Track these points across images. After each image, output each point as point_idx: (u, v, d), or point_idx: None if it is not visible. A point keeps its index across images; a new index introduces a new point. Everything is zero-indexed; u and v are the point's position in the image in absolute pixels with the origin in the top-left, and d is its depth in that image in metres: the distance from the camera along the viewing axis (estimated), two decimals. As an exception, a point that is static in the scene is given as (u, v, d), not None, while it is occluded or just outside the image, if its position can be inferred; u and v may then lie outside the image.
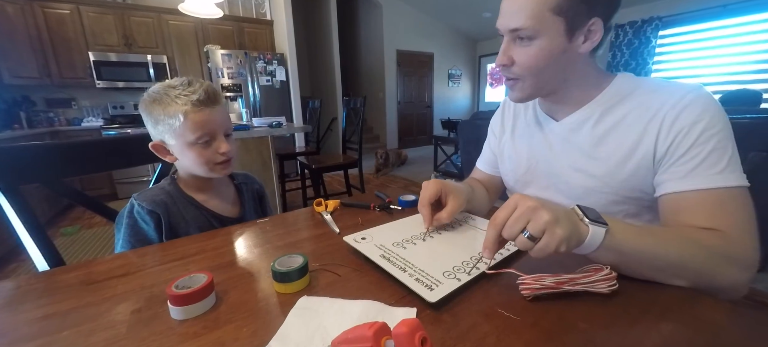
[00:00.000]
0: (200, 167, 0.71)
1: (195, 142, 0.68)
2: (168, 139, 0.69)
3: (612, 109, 0.58)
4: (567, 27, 0.52)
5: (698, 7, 4.03)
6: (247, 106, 3.76)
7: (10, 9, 2.92)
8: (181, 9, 2.60)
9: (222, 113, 0.72)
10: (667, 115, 0.51)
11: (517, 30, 0.54)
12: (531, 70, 0.57)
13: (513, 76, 0.60)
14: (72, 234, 2.52)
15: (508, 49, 0.57)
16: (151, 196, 0.70)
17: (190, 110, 0.66)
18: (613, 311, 0.39)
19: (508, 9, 0.55)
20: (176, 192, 0.73)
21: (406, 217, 0.69)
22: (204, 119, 0.68)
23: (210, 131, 0.69)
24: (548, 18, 0.52)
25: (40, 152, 0.73)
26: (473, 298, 0.42)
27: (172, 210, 0.71)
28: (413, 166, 4.91)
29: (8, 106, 3.08)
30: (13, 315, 0.42)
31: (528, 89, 0.60)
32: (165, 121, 0.67)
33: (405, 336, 0.27)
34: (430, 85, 6.75)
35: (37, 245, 0.67)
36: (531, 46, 0.54)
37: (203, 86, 0.69)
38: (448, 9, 5.80)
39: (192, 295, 0.40)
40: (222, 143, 0.71)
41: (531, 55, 0.55)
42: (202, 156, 0.69)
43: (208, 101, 0.68)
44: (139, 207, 0.68)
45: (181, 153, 0.70)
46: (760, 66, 3.72)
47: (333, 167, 2.48)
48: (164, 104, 0.67)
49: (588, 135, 0.60)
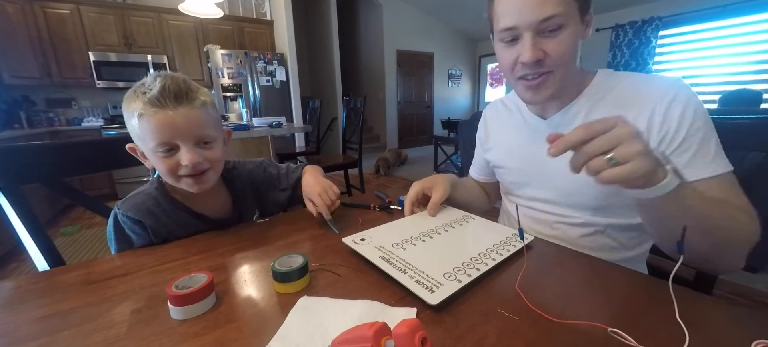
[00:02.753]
0: (167, 177, 0.61)
1: (154, 149, 0.57)
2: (136, 139, 0.60)
3: (600, 102, 0.59)
4: (581, 15, 0.52)
5: (698, 7, 4.03)
6: (247, 106, 3.77)
7: (10, 9, 2.92)
8: (181, 9, 2.60)
9: (187, 118, 0.57)
10: (656, 108, 0.53)
11: (549, 19, 0.50)
12: (564, 59, 0.53)
13: (544, 71, 0.55)
14: (72, 234, 2.52)
15: (537, 43, 0.52)
16: (135, 203, 0.63)
17: (144, 111, 0.55)
18: (613, 311, 0.39)
19: (526, 2, 0.50)
20: (162, 196, 0.66)
21: (404, 217, 0.69)
22: (160, 123, 0.55)
23: (167, 138, 0.56)
24: (571, 4, 0.50)
25: (40, 152, 0.74)
26: (473, 298, 0.42)
27: (159, 217, 0.64)
28: (413, 166, 4.91)
29: (8, 106, 3.08)
30: (13, 315, 0.42)
31: (558, 82, 0.56)
32: (128, 121, 0.58)
33: (405, 336, 0.27)
34: (430, 85, 6.75)
35: (37, 245, 0.67)
36: (562, 34, 0.51)
37: (164, 81, 0.56)
38: (448, 9, 5.80)
39: (192, 295, 0.40)
40: (184, 153, 0.58)
41: (564, 44, 0.52)
42: (164, 165, 0.59)
43: (165, 101, 0.55)
44: (123, 216, 0.62)
45: (151, 159, 0.60)
46: (760, 66, 3.72)
47: (333, 167, 2.48)
48: (128, 100, 0.57)
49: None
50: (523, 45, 0.53)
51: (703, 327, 0.36)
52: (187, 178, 0.61)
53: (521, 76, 0.57)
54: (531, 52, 0.52)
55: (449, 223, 0.64)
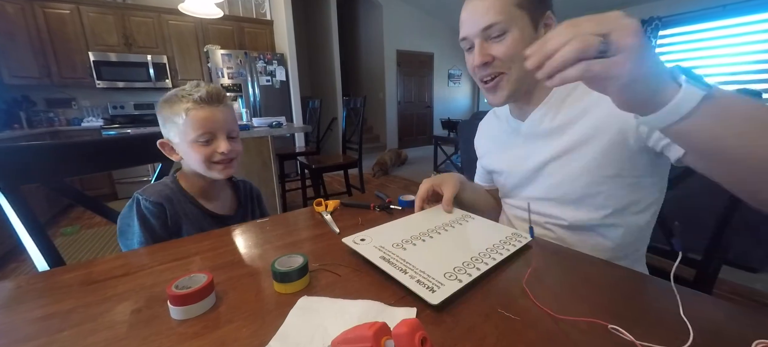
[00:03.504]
0: (200, 165, 0.73)
1: (196, 139, 0.70)
2: (173, 137, 0.73)
3: (566, 98, 0.62)
4: (530, 20, 0.58)
5: (698, 7, 4.03)
6: (247, 106, 3.76)
7: (10, 9, 2.92)
8: (181, 9, 2.60)
9: (224, 114, 0.74)
10: None
11: (489, 27, 0.57)
12: (512, 57, 0.58)
13: (496, 73, 0.61)
14: (72, 234, 2.52)
15: (484, 48, 0.59)
16: (156, 190, 0.72)
17: (192, 108, 0.69)
18: (613, 311, 0.39)
19: (472, 14, 0.59)
20: (177, 189, 0.75)
21: (405, 217, 0.69)
22: (204, 117, 0.70)
23: (210, 129, 0.71)
24: (514, 12, 0.57)
25: (40, 152, 0.73)
26: (473, 299, 0.42)
27: (176, 206, 0.73)
28: (413, 166, 4.91)
29: (8, 106, 3.08)
30: (13, 315, 0.42)
31: (513, 82, 0.61)
32: (171, 119, 0.70)
33: (405, 336, 0.27)
34: (430, 85, 6.75)
35: (37, 245, 0.67)
36: (507, 38, 0.58)
37: (207, 87, 0.72)
38: (448, 9, 5.80)
39: (192, 295, 0.40)
40: (222, 142, 0.73)
41: (509, 45, 0.58)
42: (201, 154, 0.71)
43: (209, 99, 0.71)
44: (145, 202, 0.69)
45: (184, 151, 0.73)
46: (760, 66, 3.72)
47: (333, 167, 2.48)
48: (172, 103, 0.70)
49: (549, 126, 0.64)
50: (474, 51, 0.61)
51: (703, 327, 0.36)
52: (219, 165, 0.73)
53: (481, 79, 0.64)
54: (479, 56, 0.60)
55: (449, 223, 0.64)
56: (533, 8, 0.58)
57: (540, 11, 0.58)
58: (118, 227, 0.71)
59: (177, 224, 0.72)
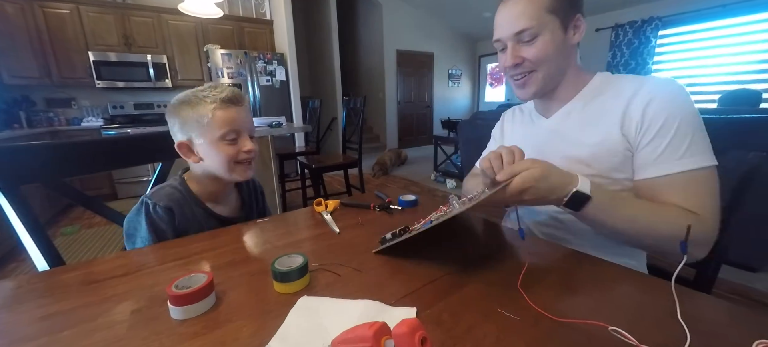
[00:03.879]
0: (224, 165, 0.72)
1: (222, 138, 0.70)
2: (195, 138, 0.72)
3: (593, 99, 0.65)
4: (561, 23, 0.61)
5: (698, 7, 4.02)
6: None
7: (10, 9, 2.91)
8: (181, 9, 2.60)
9: (247, 114, 0.75)
10: (637, 103, 0.57)
11: (522, 32, 0.61)
12: (542, 59, 0.62)
13: (526, 71, 0.65)
14: (72, 234, 2.52)
15: (515, 50, 0.64)
16: (166, 193, 0.72)
17: (218, 107, 0.70)
18: (613, 311, 0.39)
19: (506, 18, 0.63)
20: (186, 192, 0.75)
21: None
22: (231, 116, 0.71)
23: (236, 127, 0.72)
24: (545, 17, 0.60)
25: (40, 152, 0.73)
26: (473, 298, 0.42)
27: (184, 209, 0.73)
28: (413, 166, 4.90)
29: (8, 106, 3.07)
30: (13, 315, 0.42)
31: (541, 80, 0.65)
32: (193, 120, 0.70)
33: (405, 336, 0.27)
34: (430, 85, 6.75)
35: (37, 245, 0.67)
36: (537, 42, 0.61)
37: (229, 88, 0.73)
38: (448, 9, 5.80)
39: (192, 295, 0.40)
40: (247, 141, 0.74)
41: (540, 48, 0.62)
42: (227, 153, 0.71)
43: (234, 99, 0.72)
44: (155, 206, 0.69)
45: (207, 152, 0.72)
46: (760, 66, 3.72)
47: (333, 167, 2.48)
48: (193, 104, 0.70)
49: (572, 125, 0.67)
50: (507, 52, 0.65)
51: (703, 327, 0.36)
52: (241, 165, 0.74)
53: (511, 76, 0.68)
54: (511, 58, 0.64)
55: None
56: (564, 13, 0.60)
57: (571, 15, 0.61)
58: (125, 231, 0.71)
59: (184, 227, 0.72)
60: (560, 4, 0.60)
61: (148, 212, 0.69)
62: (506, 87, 6.82)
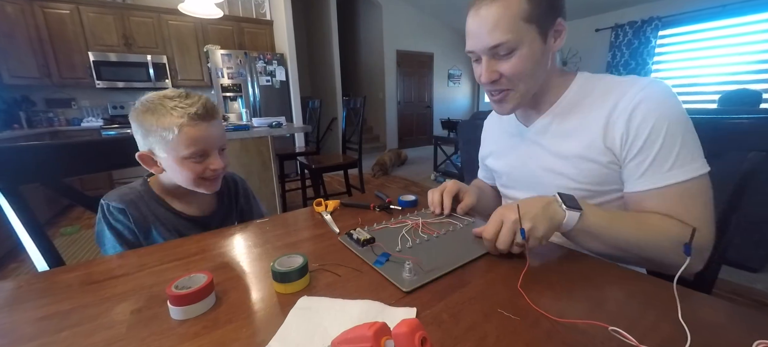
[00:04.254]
0: (188, 182, 0.69)
1: (187, 157, 0.65)
2: (158, 151, 0.66)
3: (573, 109, 0.62)
4: (539, 32, 0.56)
5: (698, 7, 4.02)
6: (246, 106, 3.76)
7: (10, 9, 2.91)
8: (181, 9, 2.60)
9: (218, 128, 0.69)
10: (620, 112, 0.55)
11: (497, 46, 0.56)
12: (520, 76, 0.58)
13: (503, 89, 0.61)
14: (72, 234, 2.52)
15: (491, 66, 0.59)
16: (119, 194, 0.69)
17: (186, 124, 0.63)
18: (613, 311, 0.39)
19: (479, 29, 0.57)
20: (145, 191, 0.72)
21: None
22: (200, 135, 0.65)
23: (204, 147, 0.67)
24: (522, 27, 0.54)
25: (40, 152, 0.73)
26: (473, 298, 0.42)
27: (142, 209, 0.69)
28: (413, 166, 4.90)
29: (8, 106, 3.07)
30: (13, 315, 0.42)
31: (519, 97, 0.62)
32: (157, 132, 0.63)
33: (405, 336, 0.27)
34: (430, 85, 6.75)
35: (37, 245, 0.67)
36: (514, 56, 0.56)
37: (201, 100, 0.66)
38: (448, 9, 5.80)
39: (192, 295, 0.40)
40: (215, 159, 0.69)
41: (517, 64, 0.57)
42: (192, 171, 0.67)
43: (205, 115, 0.65)
44: (109, 207, 0.67)
45: (170, 166, 0.67)
46: (760, 66, 3.72)
47: (333, 167, 2.47)
48: (158, 114, 0.63)
49: (553, 136, 0.64)
50: (481, 66, 0.60)
51: (703, 327, 0.36)
52: (207, 181, 0.70)
53: (487, 91, 0.64)
54: (485, 74, 0.59)
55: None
56: (542, 20, 0.55)
57: (550, 21, 0.56)
58: (95, 234, 0.69)
59: (145, 228, 0.68)
60: (538, 10, 0.54)
61: (104, 213, 0.67)
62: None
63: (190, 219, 0.75)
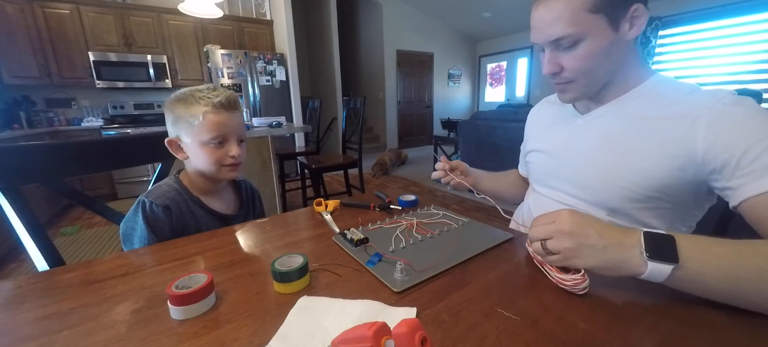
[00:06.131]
0: (209, 166, 0.74)
1: (208, 142, 0.71)
2: (184, 136, 0.73)
3: (645, 104, 0.57)
4: (609, 21, 0.52)
5: (698, 7, 4.03)
6: (247, 106, 3.76)
7: (10, 9, 2.91)
8: (181, 9, 2.60)
9: (238, 119, 0.76)
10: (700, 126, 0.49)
11: (559, 40, 0.54)
12: (582, 71, 0.56)
13: (564, 81, 0.59)
14: (72, 234, 2.52)
15: (553, 58, 0.57)
16: (162, 192, 0.72)
17: (210, 111, 0.70)
18: (613, 311, 0.39)
19: (542, 21, 0.55)
20: (182, 189, 0.76)
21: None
22: (220, 121, 0.72)
23: (224, 133, 0.73)
24: (587, 19, 0.51)
25: (40, 152, 0.73)
26: (473, 298, 0.42)
27: (182, 206, 0.73)
28: (413, 166, 4.90)
29: (8, 106, 3.07)
30: (13, 315, 0.42)
31: (582, 89, 0.59)
32: (185, 119, 0.71)
33: (405, 336, 0.27)
34: (430, 85, 6.75)
35: (37, 245, 0.67)
36: (578, 50, 0.54)
37: (226, 93, 0.74)
38: (448, 9, 5.80)
39: (192, 295, 0.40)
40: (233, 146, 0.75)
41: (580, 58, 0.54)
42: (213, 156, 0.73)
43: (228, 105, 0.73)
44: (152, 205, 0.70)
45: (193, 152, 0.74)
46: (760, 66, 3.72)
47: (333, 167, 2.47)
48: (188, 103, 0.71)
49: (612, 125, 0.60)
50: (544, 57, 0.58)
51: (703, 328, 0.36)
52: (227, 167, 0.75)
53: (551, 80, 0.62)
54: (546, 66, 0.58)
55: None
56: (612, 9, 0.50)
57: (623, 8, 0.51)
58: (122, 233, 0.71)
59: (182, 225, 0.73)
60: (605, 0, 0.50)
61: (145, 211, 0.69)
62: (506, 87, 6.82)
63: (218, 216, 0.79)
